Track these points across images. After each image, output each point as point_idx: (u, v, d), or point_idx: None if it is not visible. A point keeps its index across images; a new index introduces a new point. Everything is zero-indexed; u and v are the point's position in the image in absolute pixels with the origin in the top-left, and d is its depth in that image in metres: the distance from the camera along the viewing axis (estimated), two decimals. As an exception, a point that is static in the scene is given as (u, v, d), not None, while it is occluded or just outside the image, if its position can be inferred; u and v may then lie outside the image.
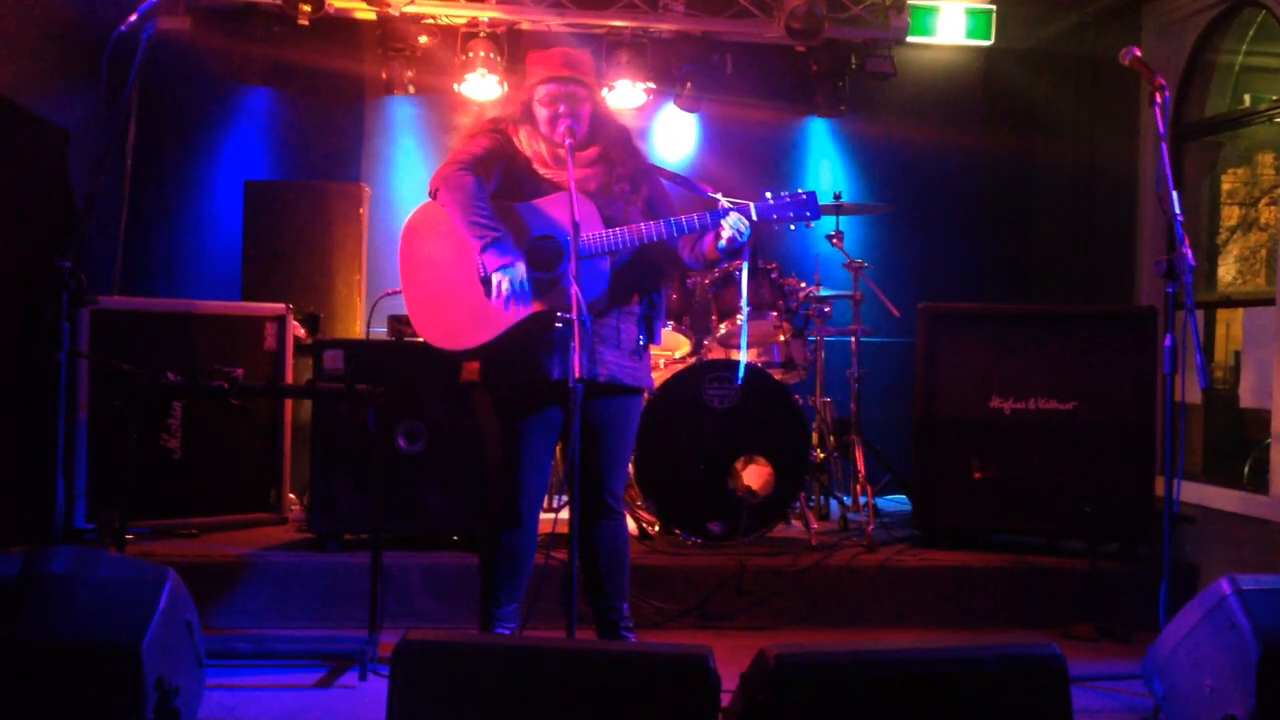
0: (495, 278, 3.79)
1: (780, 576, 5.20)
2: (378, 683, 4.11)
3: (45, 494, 3.88)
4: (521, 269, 3.81)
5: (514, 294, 3.79)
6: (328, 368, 5.18)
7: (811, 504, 6.23)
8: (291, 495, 5.88)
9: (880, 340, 7.04)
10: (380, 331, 6.02)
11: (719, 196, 3.91)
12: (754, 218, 3.89)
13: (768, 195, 3.93)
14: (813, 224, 3.97)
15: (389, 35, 7.23)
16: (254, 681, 4.20)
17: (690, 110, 7.72)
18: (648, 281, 4.11)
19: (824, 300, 6.32)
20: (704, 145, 7.97)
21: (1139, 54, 4.20)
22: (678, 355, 6.13)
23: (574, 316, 3.53)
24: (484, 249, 3.80)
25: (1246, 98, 6.50)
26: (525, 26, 7.35)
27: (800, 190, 3.93)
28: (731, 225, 3.86)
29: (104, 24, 4.05)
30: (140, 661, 3.00)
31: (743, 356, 4.53)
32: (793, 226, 3.94)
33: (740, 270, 4.30)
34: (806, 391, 6.46)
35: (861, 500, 6.26)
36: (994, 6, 7.56)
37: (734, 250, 3.91)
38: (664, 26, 7.38)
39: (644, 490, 5.54)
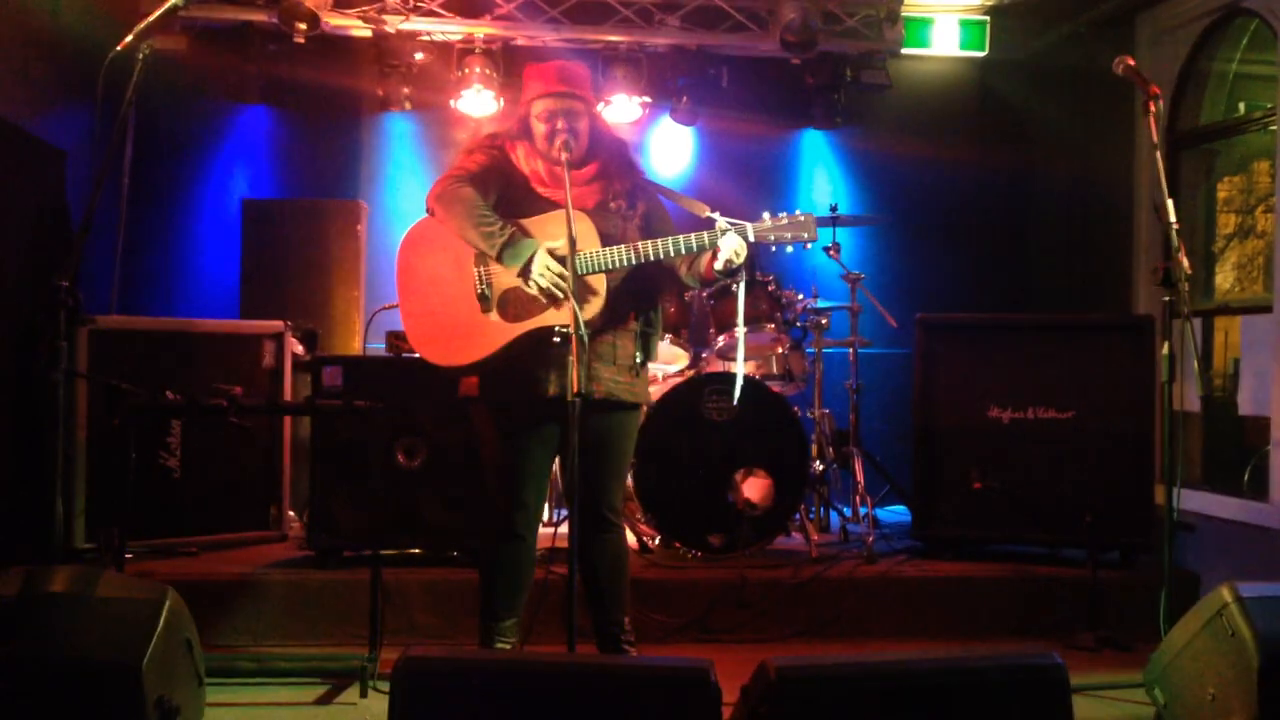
0: (532, 271, 3.79)
1: (781, 588, 5.19)
2: (378, 699, 4.11)
3: (45, 513, 3.87)
4: (544, 253, 3.81)
5: (554, 281, 3.79)
6: (326, 384, 5.18)
7: (811, 516, 6.22)
8: (291, 512, 5.87)
9: (878, 351, 7.03)
10: (378, 347, 6.02)
11: (717, 216, 3.90)
12: (751, 239, 3.88)
13: (765, 216, 3.91)
14: (810, 245, 3.96)
15: (385, 52, 7.25)
16: (255, 699, 4.20)
17: (686, 123, 7.74)
18: (645, 299, 4.11)
19: (822, 312, 6.34)
20: (700, 158, 7.98)
21: (1132, 63, 4.22)
22: (676, 368, 6.13)
23: (572, 332, 3.54)
24: (502, 251, 3.80)
25: (1241, 106, 6.51)
26: (521, 42, 7.37)
27: (799, 211, 3.92)
28: (728, 246, 3.85)
29: (100, 44, 4.06)
30: (140, 681, 2.99)
31: (739, 376, 4.48)
32: (790, 248, 3.93)
33: (737, 285, 4.32)
34: (805, 403, 6.46)
35: (861, 511, 6.26)
36: (988, 18, 7.59)
37: (730, 271, 3.91)
38: (659, 40, 7.40)
39: (644, 503, 5.53)
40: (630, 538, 5.00)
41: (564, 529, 3.90)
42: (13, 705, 2.98)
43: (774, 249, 3.94)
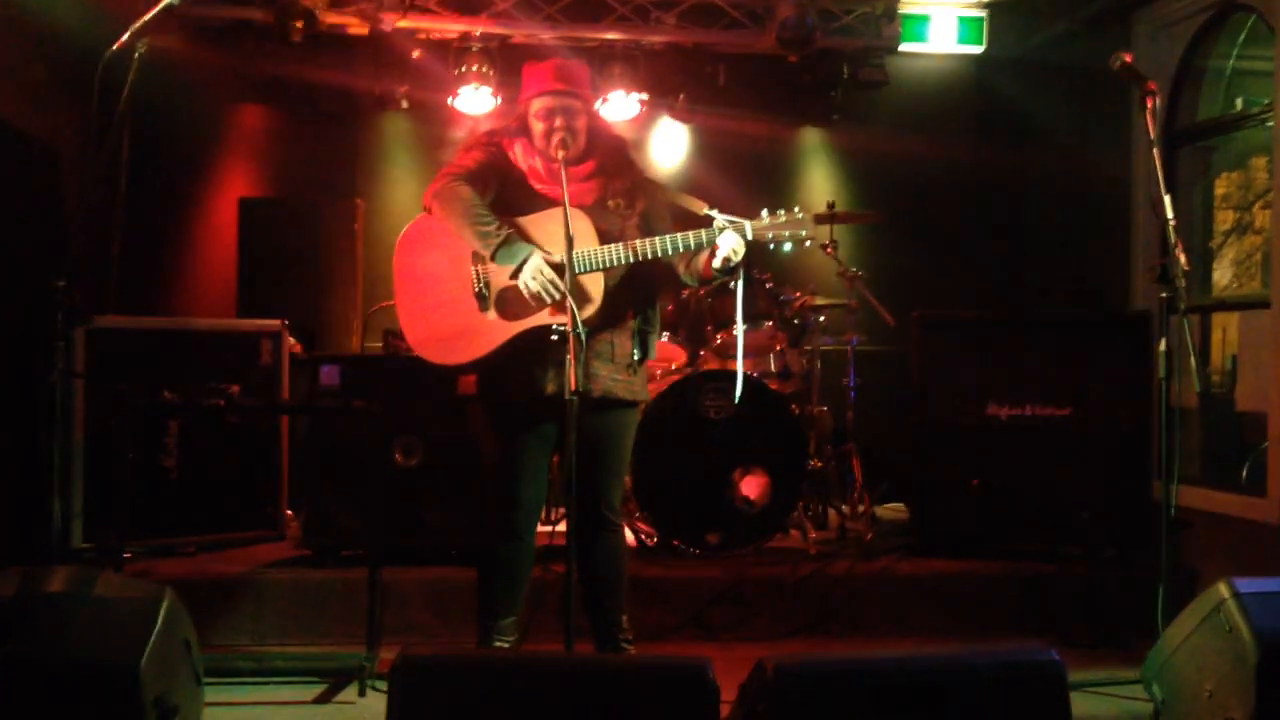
0: (523, 274, 3.78)
1: (779, 586, 5.20)
2: (377, 698, 4.11)
3: (43, 514, 3.87)
4: (539, 258, 3.80)
5: (545, 285, 3.78)
6: (324, 383, 5.18)
7: (809, 513, 6.22)
8: (289, 512, 5.86)
9: (876, 349, 7.04)
10: (376, 346, 6.02)
11: (715, 214, 3.90)
12: (749, 236, 3.88)
13: (764, 214, 3.91)
14: (808, 243, 3.95)
15: (382, 51, 7.24)
16: (253, 698, 4.20)
17: (684, 121, 7.74)
18: (643, 297, 4.10)
19: (819, 309, 6.33)
20: (697, 156, 7.98)
21: (1129, 59, 4.21)
22: (674, 366, 6.12)
23: (569, 330, 3.54)
24: (496, 251, 3.80)
25: (1239, 101, 6.50)
26: (518, 40, 7.36)
27: (796, 209, 3.92)
28: (727, 244, 3.84)
29: (95, 42, 4.05)
30: (138, 681, 2.99)
31: (739, 376, 4.46)
32: (788, 246, 3.93)
33: (735, 282, 4.31)
34: (803, 401, 6.46)
35: (859, 509, 6.26)
36: (985, 14, 7.58)
37: (728, 269, 3.90)
38: (656, 39, 7.39)
39: (642, 502, 5.53)
40: (628, 536, 5.00)
41: (562, 527, 3.90)
42: (11, 705, 2.98)
43: (771, 247, 3.93)
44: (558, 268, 3.82)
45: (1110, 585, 5.26)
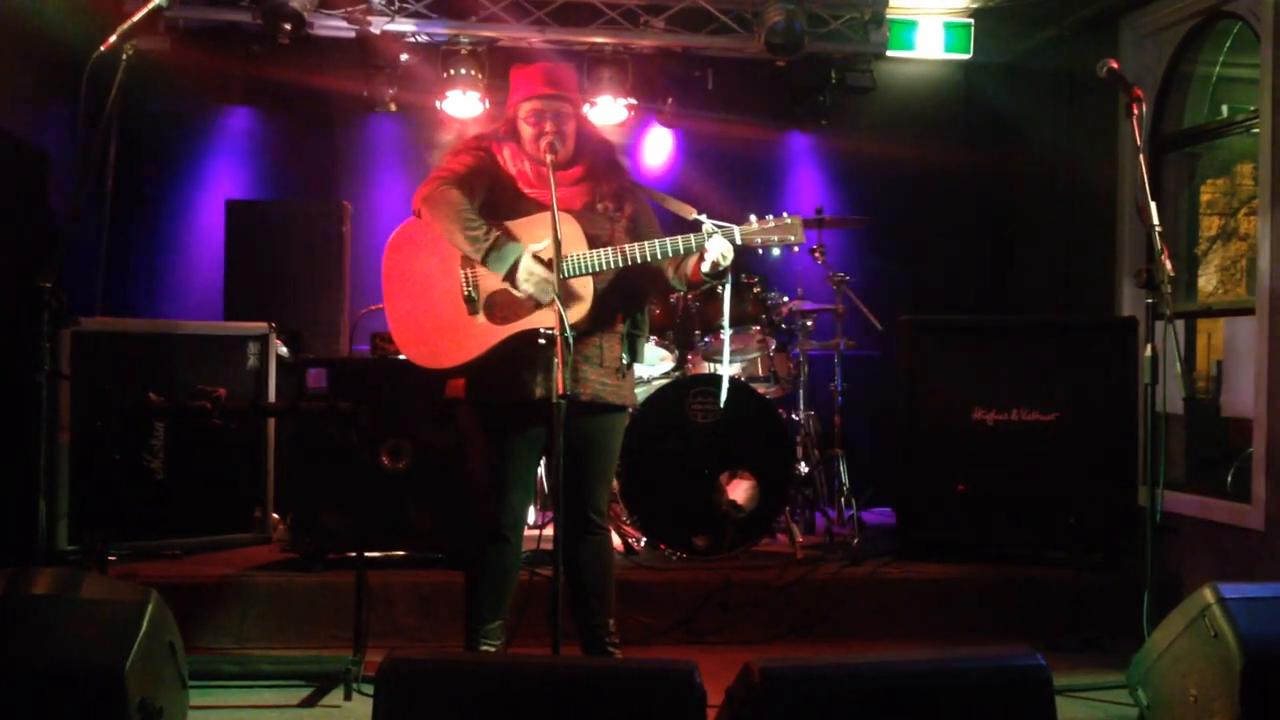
0: (518, 277, 3.79)
1: (765, 590, 5.20)
2: (363, 702, 4.10)
3: (28, 515, 3.85)
4: (530, 258, 3.81)
5: (539, 285, 3.79)
6: (311, 386, 5.17)
7: (796, 518, 6.23)
8: (275, 515, 5.85)
9: (863, 353, 7.05)
10: (363, 349, 6.01)
11: (704, 218, 3.90)
12: (738, 241, 3.89)
13: (752, 219, 3.92)
14: (797, 248, 3.96)
15: (370, 53, 7.24)
16: (238, 702, 4.18)
17: (672, 126, 7.75)
18: (631, 301, 4.11)
19: (807, 314, 6.35)
20: (686, 160, 7.99)
21: (1115, 66, 4.23)
22: (661, 370, 6.13)
23: (558, 334, 3.54)
24: (486, 255, 3.80)
25: (1224, 108, 6.54)
26: (506, 44, 7.37)
27: (785, 214, 3.93)
28: (715, 249, 3.84)
29: (83, 45, 4.05)
30: (123, 683, 2.98)
31: (725, 380, 4.51)
32: (776, 251, 3.94)
33: (723, 287, 4.30)
34: (790, 405, 6.47)
35: (846, 513, 6.26)
36: (972, 20, 7.61)
37: (717, 273, 3.91)
38: (645, 43, 7.40)
39: (629, 505, 5.54)
40: (615, 540, 5.00)
41: (549, 531, 3.90)
42: (-6, 708, 2.97)
43: (760, 252, 3.94)
44: (546, 266, 3.82)
45: (1096, 590, 5.27)
